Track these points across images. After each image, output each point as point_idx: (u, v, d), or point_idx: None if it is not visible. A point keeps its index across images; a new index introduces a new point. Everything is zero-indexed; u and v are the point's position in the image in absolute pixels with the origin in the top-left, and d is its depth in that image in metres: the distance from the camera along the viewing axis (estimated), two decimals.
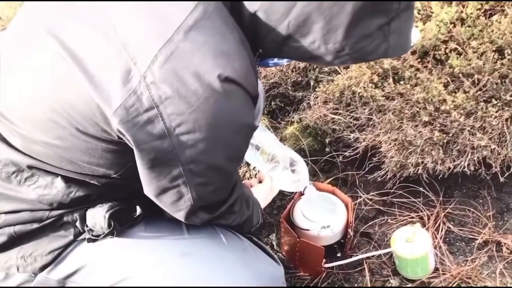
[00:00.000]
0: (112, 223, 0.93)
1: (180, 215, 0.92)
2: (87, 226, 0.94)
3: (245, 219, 1.09)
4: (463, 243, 1.46)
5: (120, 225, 0.95)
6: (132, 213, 0.97)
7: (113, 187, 0.94)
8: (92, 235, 0.94)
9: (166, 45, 0.75)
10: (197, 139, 0.79)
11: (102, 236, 0.94)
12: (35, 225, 0.93)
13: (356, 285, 1.43)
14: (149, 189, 0.88)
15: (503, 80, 1.40)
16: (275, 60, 0.95)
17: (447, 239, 1.47)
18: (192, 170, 0.84)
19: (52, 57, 0.81)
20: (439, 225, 1.48)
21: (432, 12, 1.53)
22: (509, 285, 1.33)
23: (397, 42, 0.85)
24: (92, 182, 0.91)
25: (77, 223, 0.94)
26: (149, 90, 0.75)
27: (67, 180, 0.91)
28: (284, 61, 0.97)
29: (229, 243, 1.01)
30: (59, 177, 0.90)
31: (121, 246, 0.97)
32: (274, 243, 1.57)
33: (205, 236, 1.01)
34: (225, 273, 0.96)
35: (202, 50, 0.77)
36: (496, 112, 1.38)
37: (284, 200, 1.66)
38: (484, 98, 1.40)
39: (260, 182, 1.40)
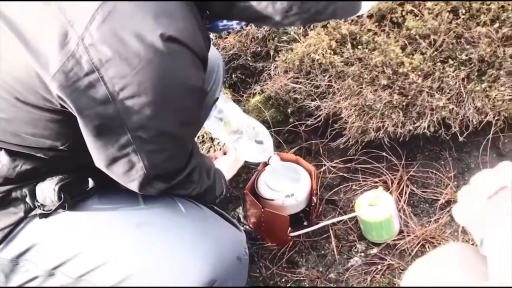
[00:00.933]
0: (63, 196, 0.89)
1: (133, 186, 0.89)
2: (37, 201, 0.90)
3: (205, 189, 1.06)
4: (427, 205, 1.48)
5: (72, 197, 0.92)
6: (84, 186, 0.94)
7: (62, 160, 0.90)
8: (44, 210, 0.91)
9: (103, 5, 0.72)
10: (143, 103, 0.77)
11: (53, 210, 0.90)
12: None
13: (323, 251, 1.44)
14: (98, 159, 0.85)
15: (458, 40, 1.41)
16: (224, 22, 0.92)
17: (411, 201, 1.49)
18: (141, 137, 0.81)
19: None
20: (403, 188, 1.50)
21: None
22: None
23: (346, 3, 0.83)
24: (38, 155, 0.88)
25: (27, 199, 0.90)
26: (88, 52, 0.72)
27: (11, 153, 0.87)
28: (234, 24, 0.94)
29: (188, 212, 0.99)
30: (3, 150, 0.87)
31: (74, 220, 0.94)
32: (241, 216, 1.57)
33: (162, 206, 0.99)
34: (183, 241, 0.94)
35: (142, 9, 0.74)
36: (453, 72, 1.38)
37: (250, 173, 1.65)
38: (441, 59, 1.40)
39: (224, 154, 1.38)
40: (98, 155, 0.84)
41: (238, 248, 1.01)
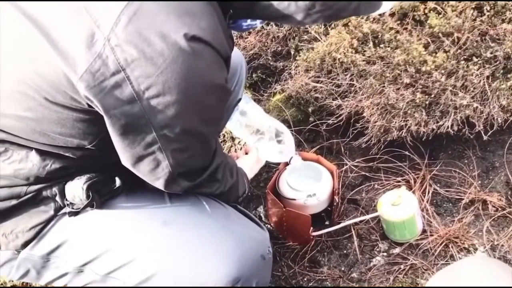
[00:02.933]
0: (91, 194, 0.91)
1: (159, 184, 0.91)
2: (66, 200, 0.92)
3: (229, 188, 1.07)
4: (450, 204, 1.47)
5: (100, 196, 0.94)
6: (111, 184, 0.96)
7: (90, 159, 0.92)
8: (73, 208, 0.93)
9: (129, 6, 0.73)
10: (168, 102, 0.78)
11: (81, 208, 0.92)
12: (14, 202, 0.92)
13: (345, 251, 1.44)
14: (125, 158, 0.86)
15: (483, 38, 1.38)
16: (248, 21, 0.93)
17: (434, 200, 1.47)
18: (167, 135, 0.82)
19: (13, 24, 0.80)
20: (426, 187, 1.48)
21: None
22: (495, 242, 1.35)
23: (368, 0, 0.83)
24: (67, 154, 0.89)
25: (57, 198, 0.92)
26: (114, 53, 0.73)
27: (41, 153, 0.89)
28: (258, 23, 0.95)
29: (213, 211, 1.00)
30: (33, 150, 0.89)
31: (102, 218, 0.96)
32: (262, 215, 1.57)
33: (187, 204, 1.00)
34: (208, 240, 0.95)
35: (166, 9, 0.75)
36: (477, 70, 1.36)
37: (270, 173, 1.65)
38: (465, 57, 1.38)
39: (246, 154, 1.39)
40: (125, 154, 0.86)
41: (262, 247, 1.01)
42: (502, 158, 1.50)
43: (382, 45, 1.47)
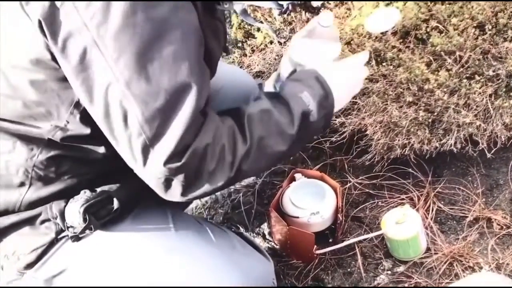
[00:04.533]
0: (88, 217, 0.90)
1: (147, 172, 0.83)
2: (67, 223, 0.92)
3: (263, 141, 0.87)
4: (454, 222, 1.46)
5: (97, 219, 0.93)
6: (109, 206, 0.94)
7: (77, 150, 0.91)
8: (74, 232, 0.93)
9: None
10: (114, 27, 0.75)
11: (80, 231, 0.92)
12: (13, 218, 0.92)
13: (349, 269, 1.43)
14: (94, 113, 0.83)
15: (485, 56, 1.39)
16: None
17: (438, 218, 1.47)
18: (123, 71, 0.77)
19: None
20: (429, 205, 1.48)
21: None
22: (501, 261, 1.34)
23: None
24: (50, 136, 0.89)
25: (58, 220, 0.92)
26: None
27: (27, 141, 0.90)
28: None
29: (217, 240, 0.99)
30: (18, 141, 0.90)
31: (105, 245, 0.95)
32: (266, 232, 1.57)
33: (192, 232, 0.99)
34: (212, 272, 0.93)
35: None
36: (480, 88, 1.37)
37: (274, 189, 1.65)
38: (467, 75, 1.39)
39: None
40: (91, 108, 0.82)
41: (266, 279, 1.01)
42: (506, 176, 1.50)
43: (384, 63, 1.48)
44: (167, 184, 0.83)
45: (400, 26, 1.51)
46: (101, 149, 0.91)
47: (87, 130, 0.88)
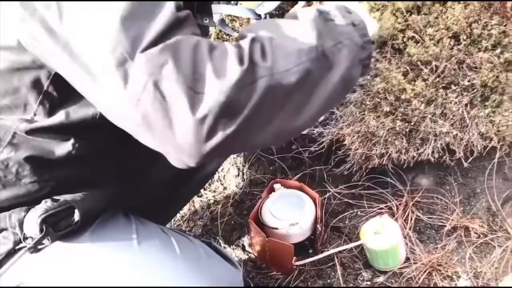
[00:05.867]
0: (45, 228, 0.86)
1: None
2: (25, 234, 0.88)
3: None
4: (433, 231, 1.47)
5: (57, 230, 0.89)
6: (70, 218, 0.90)
7: (42, 150, 0.87)
8: (34, 243, 0.88)
9: None
10: None
11: (36, 241, 0.88)
12: None
13: (329, 280, 1.43)
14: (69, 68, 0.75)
15: (460, 66, 1.40)
16: None
17: (417, 227, 1.47)
18: None
19: None
20: (408, 214, 1.48)
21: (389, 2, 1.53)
22: (478, 270, 1.34)
23: None
24: (15, 131, 0.85)
25: (16, 229, 0.88)
26: None
27: None
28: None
29: (182, 253, 0.96)
30: None
31: (63, 258, 0.91)
32: (246, 244, 1.56)
33: (156, 243, 0.96)
34: (174, 284, 0.90)
35: None
36: (456, 98, 1.38)
37: (253, 200, 1.64)
38: (443, 85, 1.40)
39: None
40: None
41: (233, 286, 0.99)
42: (483, 184, 1.51)
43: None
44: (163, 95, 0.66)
45: (377, 36, 1.51)
46: (68, 145, 0.86)
47: (55, 120, 0.84)
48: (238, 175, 1.72)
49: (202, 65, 0.67)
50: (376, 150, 1.43)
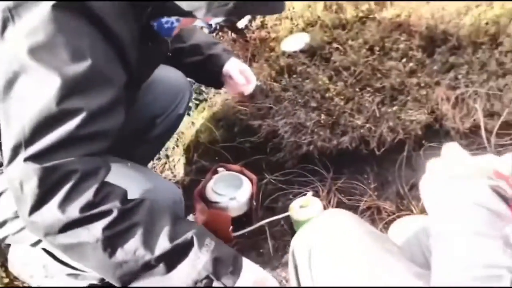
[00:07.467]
0: None
1: None
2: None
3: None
4: (352, 210, 1.70)
5: None
6: None
7: None
8: None
9: None
10: None
11: None
12: None
13: (261, 250, 1.64)
14: None
15: (373, 72, 1.70)
16: (166, 19, 1.12)
17: (338, 208, 1.72)
18: None
19: None
20: (331, 197, 1.73)
21: (319, 17, 1.83)
22: None
23: (263, 3, 1.02)
24: None
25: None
26: None
27: None
28: (174, 21, 1.14)
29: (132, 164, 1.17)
30: None
31: None
32: (191, 219, 1.75)
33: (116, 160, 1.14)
34: (125, 178, 1.05)
35: None
36: (370, 97, 1.67)
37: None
38: (360, 86, 1.69)
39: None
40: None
41: (173, 195, 1.19)
42: (394, 174, 1.78)
43: (294, 76, 1.76)
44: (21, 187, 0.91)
45: (309, 46, 1.80)
46: None
47: None
48: (187, 163, 1.93)
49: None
50: (305, 139, 1.68)
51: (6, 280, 1.49)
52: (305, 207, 1.59)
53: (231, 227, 1.58)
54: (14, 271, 1.38)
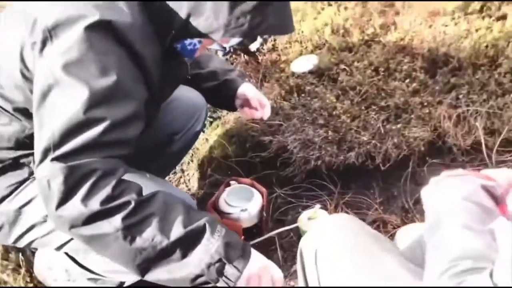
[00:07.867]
0: None
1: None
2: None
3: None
4: None
5: None
6: None
7: None
8: None
9: None
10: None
11: None
12: None
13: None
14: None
15: (378, 91, 1.80)
16: (189, 40, 1.20)
17: None
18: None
19: None
20: (338, 210, 1.81)
21: (327, 41, 1.94)
22: None
23: (276, 23, 1.10)
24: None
25: (31, 164, 1.17)
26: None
27: (19, 120, 1.14)
28: (196, 42, 1.21)
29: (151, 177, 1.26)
30: (14, 120, 1.15)
31: None
32: None
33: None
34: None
35: None
36: (375, 115, 1.76)
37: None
38: (365, 105, 1.78)
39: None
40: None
41: (189, 203, 1.24)
42: (399, 189, 1.86)
43: (303, 95, 1.86)
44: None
45: (317, 67, 1.91)
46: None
47: None
48: (201, 177, 2.02)
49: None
50: (313, 154, 1.77)
51: (30, 285, 1.57)
52: (313, 219, 1.67)
53: (242, 237, 1.66)
54: (39, 275, 1.46)
